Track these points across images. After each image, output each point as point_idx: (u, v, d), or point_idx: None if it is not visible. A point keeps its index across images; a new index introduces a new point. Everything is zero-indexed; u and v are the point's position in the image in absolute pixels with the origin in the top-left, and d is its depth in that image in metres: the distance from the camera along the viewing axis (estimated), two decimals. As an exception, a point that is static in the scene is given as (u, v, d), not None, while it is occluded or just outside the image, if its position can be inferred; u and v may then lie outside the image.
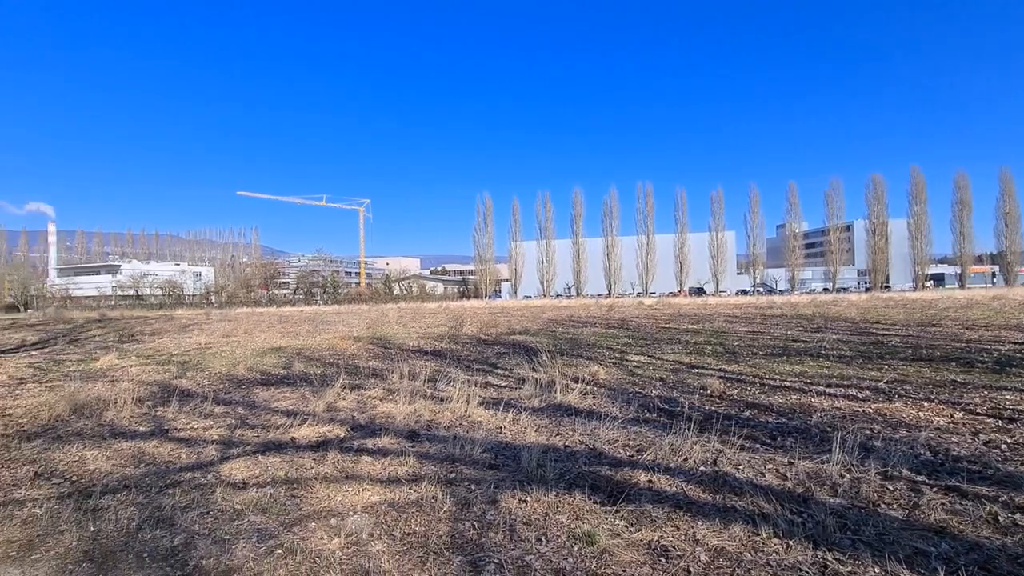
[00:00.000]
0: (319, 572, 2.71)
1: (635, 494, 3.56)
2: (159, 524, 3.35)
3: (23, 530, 3.38)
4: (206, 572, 2.77)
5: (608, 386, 7.63)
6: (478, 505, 3.47)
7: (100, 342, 16.53)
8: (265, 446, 4.95)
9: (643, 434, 5.06)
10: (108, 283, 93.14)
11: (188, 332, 19.54)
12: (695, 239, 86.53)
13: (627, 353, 11.18)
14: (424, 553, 2.88)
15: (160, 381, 8.75)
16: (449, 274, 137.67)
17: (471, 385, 7.06)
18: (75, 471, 4.45)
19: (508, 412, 5.92)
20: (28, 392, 8.04)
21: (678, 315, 24.84)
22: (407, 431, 5.33)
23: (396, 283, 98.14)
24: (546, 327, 19.07)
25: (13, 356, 13.07)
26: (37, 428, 5.90)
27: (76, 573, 2.84)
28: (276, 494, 3.77)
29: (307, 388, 7.80)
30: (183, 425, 5.83)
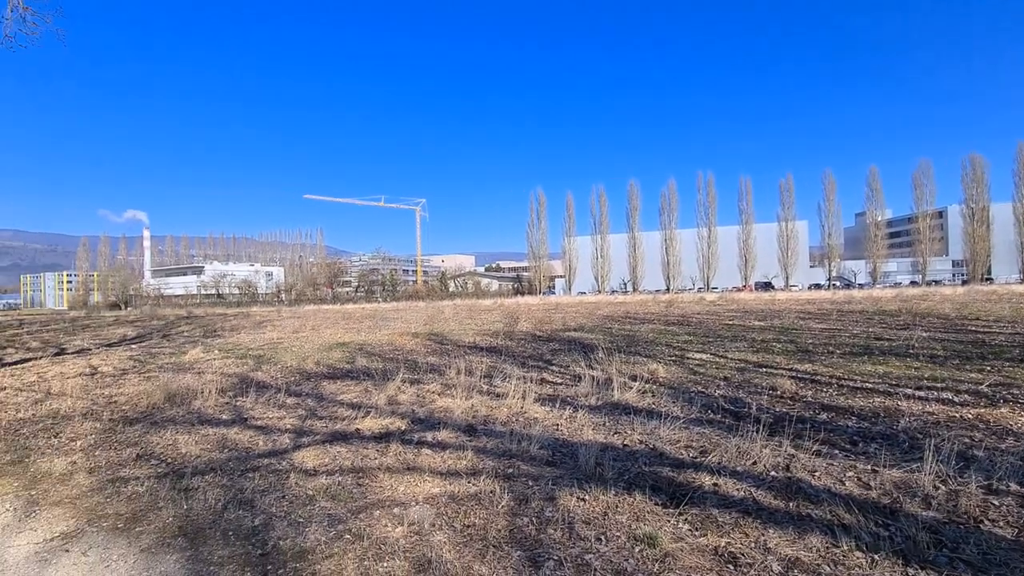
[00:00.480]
0: (384, 558, 2.83)
1: (699, 497, 3.45)
2: (241, 505, 3.60)
3: (128, 505, 3.73)
4: (283, 552, 2.95)
5: (668, 385, 7.42)
6: (536, 501, 3.48)
7: (188, 337, 17.94)
8: (332, 436, 5.19)
9: (707, 435, 4.89)
10: (193, 283, 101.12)
11: (262, 328, 20.81)
12: (762, 230, 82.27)
13: (688, 351, 10.82)
14: (484, 546, 2.93)
15: (239, 373, 9.37)
16: (503, 271, 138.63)
17: (527, 382, 7.09)
18: (169, 454, 4.86)
19: (564, 409, 5.89)
20: (129, 382, 8.86)
21: (743, 311, 23.77)
22: (465, 425, 5.42)
23: (451, 280, 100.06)
24: (601, 324, 18.81)
25: (116, 349, 14.44)
26: (137, 414, 6.48)
27: (172, 546, 3.11)
28: (344, 482, 3.95)
29: (369, 382, 8.10)
30: (260, 414, 6.22)
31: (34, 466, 4.73)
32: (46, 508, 3.82)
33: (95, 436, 5.60)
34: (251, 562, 2.88)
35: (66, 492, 4.09)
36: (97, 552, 3.14)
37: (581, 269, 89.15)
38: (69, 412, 6.72)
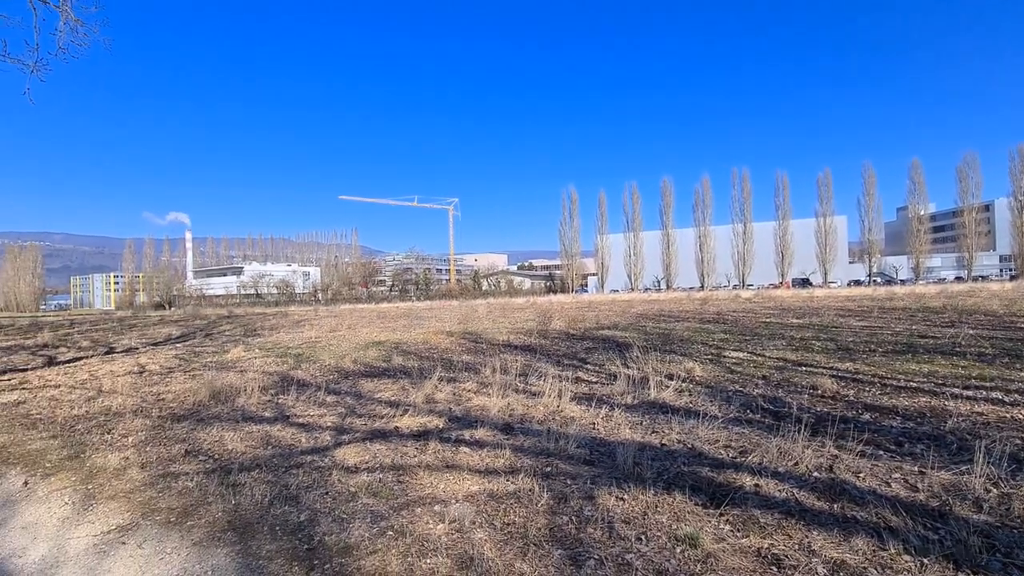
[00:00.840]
0: (427, 555, 2.88)
1: (740, 498, 3.39)
2: (287, 501, 3.72)
3: (179, 500, 3.90)
4: (329, 548, 3.04)
5: (705, 384, 7.30)
6: (575, 500, 3.49)
7: (229, 336, 18.56)
8: (372, 434, 5.30)
9: (746, 435, 4.80)
10: (233, 283, 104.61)
11: (300, 327, 21.35)
12: (799, 226, 79.86)
13: (724, 349, 10.62)
14: (524, 544, 2.95)
15: (279, 372, 9.65)
16: (536, 269, 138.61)
17: (562, 380, 7.08)
18: (216, 450, 5.05)
19: (600, 408, 5.87)
20: (175, 380, 9.23)
21: (780, 308, 23.16)
22: (502, 424, 5.46)
23: (484, 279, 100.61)
24: (635, 322, 18.61)
25: (162, 348, 15.06)
26: (184, 411, 6.75)
27: (223, 540, 3.24)
28: (384, 479, 4.04)
29: (406, 380, 8.23)
30: (301, 412, 6.40)
31: (89, 461, 4.98)
32: (102, 502, 4.02)
33: (145, 432, 5.85)
34: (298, 557, 2.98)
35: (120, 486, 4.29)
36: (152, 545, 3.29)
37: (614, 267, 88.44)
38: (120, 409, 7.04)
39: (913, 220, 76.66)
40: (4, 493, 4.32)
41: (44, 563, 3.16)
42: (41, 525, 3.68)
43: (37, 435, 5.96)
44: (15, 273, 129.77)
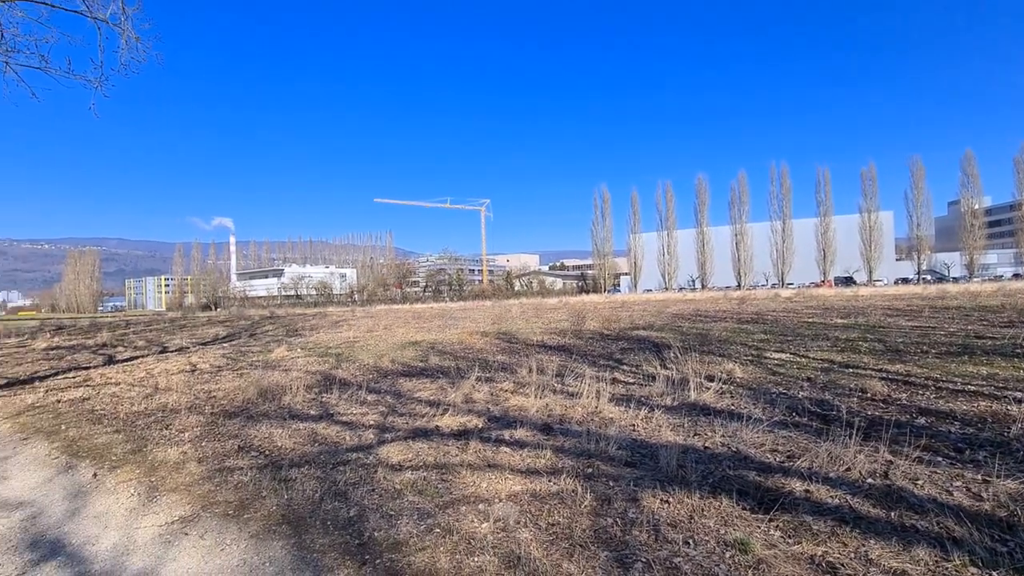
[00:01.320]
0: (474, 553, 2.93)
1: (790, 503, 3.32)
2: (336, 497, 3.84)
3: (235, 493, 4.08)
4: (379, 543, 3.13)
5: (746, 385, 7.14)
6: (619, 502, 3.48)
7: (272, 336, 19.20)
8: (414, 433, 5.41)
9: (793, 439, 4.68)
10: (274, 285, 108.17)
11: (339, 328, 21.89)
12: (842, 222, 76.92)
13: (765, 350, 10.34)
14: (570, 545, 2.96)
15: (321, 371, 9.93)
16: (567, 269, 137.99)
17: (599, 381, 7.05)
18: (267, 446, 5.25)
19: (640, 409, 5.82)
20: (224, 378, 9.62)
21: (823, 308, 22.38)
22: (540, 424, 5.48)
23: (516, 279, 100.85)
24: (671, 322, 18.31)
25: (211, 348, 15.70)
26: (235, 408, 7.04)
27: (278, 533, 3.38)
28: (428, 477, 4.12)
29: (444, 380, 8.35)
30: (344, 410, 6.58)
31: (151, 455, 5.25)
32: (165, 494, 4.24)
33: (200, 428, 6.13)
34: (350, 551, 3.07)
35: (180, 480, 4.52)
36: (212, 536, 3.45)
37: (647, 266, 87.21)
38: (176, 406, 7.39)
39: (967, 214, 72.66)
40: (76, 484, 4.61)
41: (115, 551, 3.36)
42: (111, 515, 3.91)
43: (102, 430, 6.32)
44: (75, 276, 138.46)
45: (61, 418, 7.11)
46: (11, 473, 5.03)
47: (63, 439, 6.04)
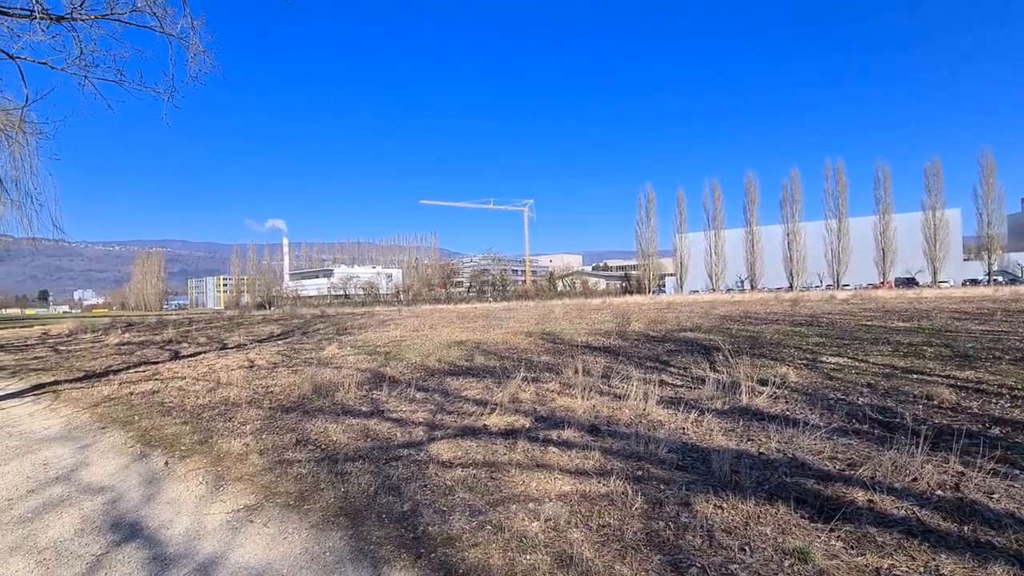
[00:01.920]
0: (527, 551, 2.97)
1: (852, 513, 3.19)
2: (390, 491, 3.97)
3: (295, 485, 4.28)
4: (432, 538, 3.21)
5: (802, 390, 6.88)
6: (670, 506, 3.44)
7: (323, 334, 19.89)
8: (462, 431, 5.50)
9: (854, 447, 4.49)
10: (324, 284, 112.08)
11: (386, 327, 22.44)
12: (903, 220, 72.67)
13: (821, 354, 9.92)
14: (622, 547, 2.96)
15: (371, 369, 10.22)
16: (611, 270, 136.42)
17: (646, 383, 6.95)
18: (322, 440, 5.47)
19: (689, 412, 5.71)
20: (280, 375, 10.05)
21: (883, 310, 21.22)
22: (588, 425, 5.46)
23: (559, 280, 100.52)
24: (719, 324, 17.80)
25: (267, 345, 16.43)
26: (291, 404, 7.35)
27: (336, 524, 3.52)
28: (478, 475, 4.19)
29: (490, 379, 8.43)
30: (394, 407, 6.76)
31: (216, 446, 5.56)
32: (230, 483, 4.48)
33: (260, 422, 6.44)
34: (405, 544, 3.17)
35: (244, 470, 4.76)
36: (275, 525, 3.63)
37: (693, 267, 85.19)
38: (236, 400, 7.78)
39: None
40: (150, 471, 4.94)
41: (188, 535, 3.59)
42: (182, 501, 4.18)
43: (171, 421, 6.74)
44: (143, 276, 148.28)
45: (134, 409, 7.61)
46: (92, 460, 5.44)
47: (136, 429, 6.48)
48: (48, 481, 4.85)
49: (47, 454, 5.71)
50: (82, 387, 9.81)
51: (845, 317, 18.31)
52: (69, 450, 5.81)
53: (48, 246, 9.88)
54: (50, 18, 6.59)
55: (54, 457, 5.59)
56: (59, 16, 6.76)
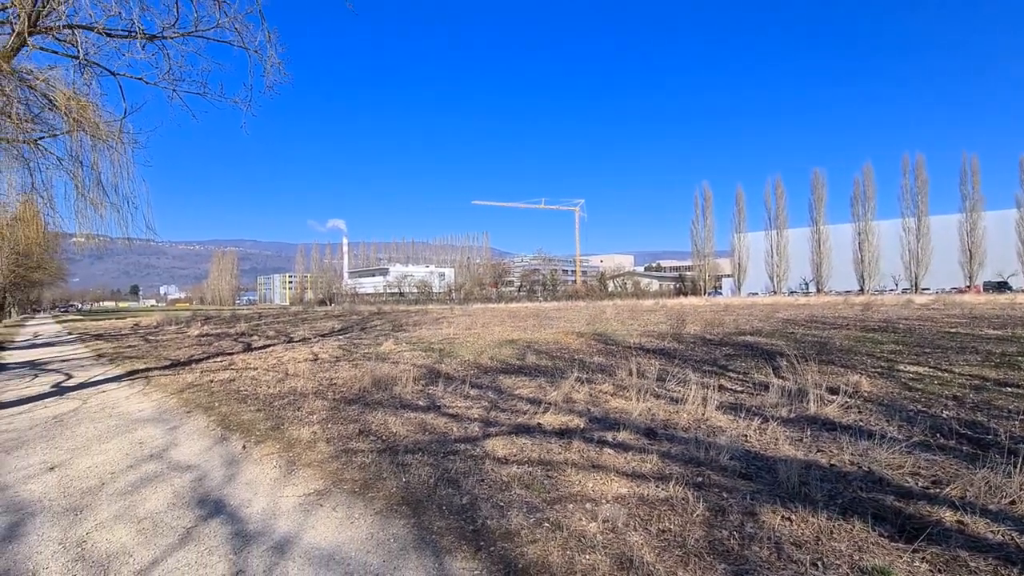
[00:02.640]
0: (586, 551, 2.97)
1: (939, 535, 2.98)
2: (449, 484, 4.07)
3: (360, 473, 4.46)
4: (491, 531, 3.27)
5: (876, 400, 6.47)
6: (734, 515, 3.33)
7: (380, 331, 20.58)
8: (516, 428, 5.55)
9: (939, 463, 4.18)
10: (380, 283, 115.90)
11: (439, 324, 22.92)
12: (994, 218, 66.54)
13: (898, 362, 9.27)
14: (684, 553, 2.90)
15: (426, 365, 10.49)
16: (664, 270, 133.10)
17: (704, 387, 6.75)
18: (383, 432, 5.67)
19: (752, 419, 5.50)
20: (342, 368, 10.49)
21: (969, 316, 19.53)
22: (644, 428, 5.38)
23: (610, 280, 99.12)
24: (781, 327, 16.98)
25: (329, 339, 17.19)
26: (352, 396, 7.66)
27: (399, 512, 3.65)
28: (534, 473, 4.22)
29: (542, 379, 8.45)
30: (450, 403, 6.91)
31: (287, 433, 5.88)
32: (301, 468, 4.73)
33: (325, 412, 6.75)
34: (465, 536, 3.25)
35: (313, 457, 5.02)
36: (343, 510, 3.81)
37: (752, 268, 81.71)
38: (303, 390, 8.19)
39: None
40: (230, 454, 5.30)
41: (264, 514, 3.83)
42: (259, 483, 4.46)
43: (247, 408, 7.19)
44: (219, 273, 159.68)
45: (214, 396, 8.18)
46: (180, 441, 5.90)
47: (217, 414, 6.96)
48: (143, 458, 5.29)
49: (142, 434, 6.24)
50: (169, 374, 10.64)
51: (925, 323, 17.02)
52: (160, 431, 6.33)
53: (139, 245, 10.80)
54: (146, 37, 7.18)
55: (148, 437, 6.10)
56: (152, 35, 7.35)
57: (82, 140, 8.64)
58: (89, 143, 8.62)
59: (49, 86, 7.88)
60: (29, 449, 5.82)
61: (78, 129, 8.08)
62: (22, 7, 6.42)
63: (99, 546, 3.45)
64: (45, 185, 9.54)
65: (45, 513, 4.04)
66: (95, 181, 8.84)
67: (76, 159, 8.86)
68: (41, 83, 7.87)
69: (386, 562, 3.04)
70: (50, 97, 7.96)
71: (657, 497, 3.66)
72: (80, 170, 8.86)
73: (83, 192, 8.89)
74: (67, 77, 7.99)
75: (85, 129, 8.11)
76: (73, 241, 14.05)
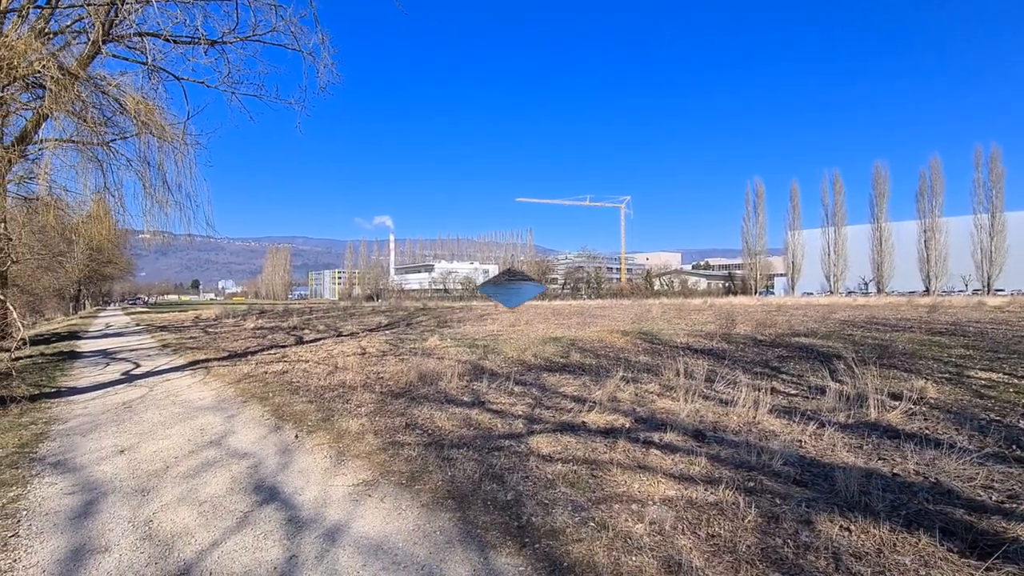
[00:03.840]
0: (632, 553, 2.94)
1: (1016, 552, 2.77)
2: (493, 479, 4.11)
3: (407, 466, 4.57)
4: (536, 528, 3.28)
5: (944, 408, 6.08)
6: (788, 522, 3.21)
7: (426, 326, 20.95)
8: (560, 426, 5.53)
9: (1015, 476, 3.89)
10: (425, 279, 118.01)
11: (483, 321, 23.11)
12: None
13: (968, 368, 8.67)
14: (735, 560, 2.82)
15: (470, 361, 10.60)
16: (712, 268, 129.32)
17: (755, 389, 6.53)
18: (429, 426, 5.78)
19: (807, 424, 5.27)
20: (389, 362, 10.75)
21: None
22: (692, 430, 5.25)
23: (656, 278, 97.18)
24: (839, 329, 16.18)
25: (376, 334, 17.64)
26: (399, 389, 7.84)
27: (445, 506, 3.72)
28: (579, 471, 4.20)
29: (586, 377, 8.39)
30: (494, 399, 6.96)
31: (337, 424, 6.08)
32: (350, 459, 4.89)
33: (373, 405, 6.94)
34: (511, 532, 3.27)
35: (362, 448, 5.17)
36: (390, 501, 3.91)
37: (807, 266, 78.23)
38: (352, 383, 8.44)
39: None
40: (283, 443, 5.53)
41: (316, 502, 3.98)
42: (311, 472, 4.63)
43: (299, 399, 7.48)
44: (272, 269, 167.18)
45: (268, 387, 8.55)
46: (237, 429, 6.20)
47: (271, 404, 7.27)
48: (204, 444, 5.61)
49: (202, 421, 6.61)
50: (227, 365, 11.20)
51: (999, 326, 15.84)
52: (219, 419, 6.68)
53: (200, 241, 11.42)
54: (208, 42, 7.58)
55: (208, 424, 6.45)
56: (214, 40, 7.76)
57: (149, 142, 9.22)
58: (156, 144, 9.20)
59: (120, 91, 8.44)
60: (102, 432, 6.26)
61: (146, 131, 8.63)
62: (96, 17, 6.90)
63: (164, 526, 3.68)
64: (116, 185, 10.23)
65: (116, 493, 4.34)
66: (161, 180, 9.42)
67: (144, 160, 9.48)
68: (113, 88, 8.45)
69: (432, 554, 3.11)
70: (121, 102, 8.53)
71: (706, 501, 3.57)
72: (147, 170, 9.47)
73: (150, 191, 9.49)
74: (136, 82, 8.56)
75: (152, 131, 8.65)
76: (140, 237, 15.01)
